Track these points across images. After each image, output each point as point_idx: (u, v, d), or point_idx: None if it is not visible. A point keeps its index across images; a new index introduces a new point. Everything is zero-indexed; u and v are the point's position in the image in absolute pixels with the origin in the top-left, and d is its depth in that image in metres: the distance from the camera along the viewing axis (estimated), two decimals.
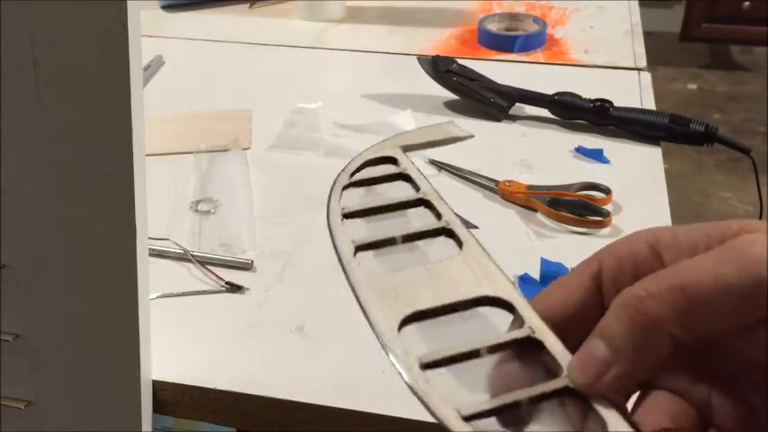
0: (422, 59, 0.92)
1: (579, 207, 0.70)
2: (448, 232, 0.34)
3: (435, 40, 1.07)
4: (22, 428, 0.55)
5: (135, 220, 0.47)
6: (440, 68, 0.90)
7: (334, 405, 0.54)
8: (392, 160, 0.38)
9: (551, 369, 0.29)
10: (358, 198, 0.36)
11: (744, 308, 0.27)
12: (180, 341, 0.59)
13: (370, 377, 0.55)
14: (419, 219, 0.35)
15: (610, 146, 0.82)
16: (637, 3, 1.18)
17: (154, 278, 0.53)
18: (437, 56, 0.92)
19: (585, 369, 0.28)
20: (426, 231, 0.34)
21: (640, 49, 1.03)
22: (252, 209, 0.73)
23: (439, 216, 0.35)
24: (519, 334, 0.30)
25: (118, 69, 0.44)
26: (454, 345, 0.29)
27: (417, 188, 0.36)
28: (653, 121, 0.82)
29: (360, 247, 0.33)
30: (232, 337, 0.60)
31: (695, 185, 2.24)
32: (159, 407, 0.55)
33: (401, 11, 1.18)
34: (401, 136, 0.39)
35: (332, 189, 0.36)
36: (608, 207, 0.71)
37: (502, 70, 0.95)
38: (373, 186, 0.37)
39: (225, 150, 0.82)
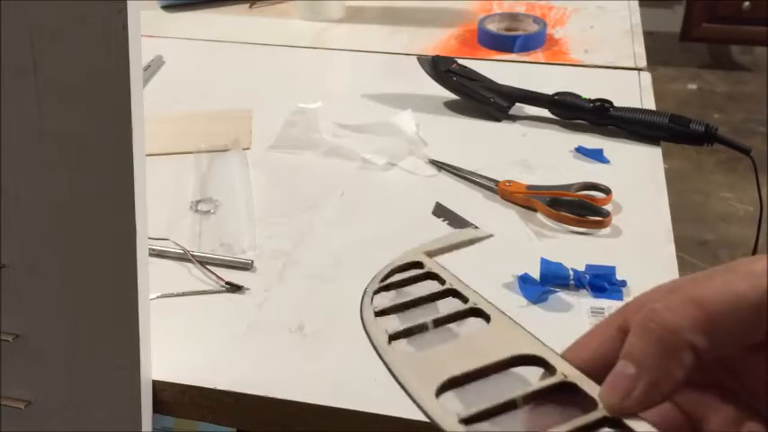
0: (422, 59, 0.92)
1: (579, 207, 0.70)
2: (476, 312, 0.36)
3: (435, 40, 1.07)
4: (22, 428, 0.55)
5: (135, 220, 0.47)
6: (440, 68, 0.90)
7: (334, 405, 0.54)
8: (418, 264, 0.40)
9: (587, 407, 0.30)
10: (389, 300, 0.38)
11: (757, 319, 0.28)
12: (180, 341, 0.59)
13: (370, 377, 0.55)
14: (448, 306, 0.37)
15: (610, 146, 0.82)
16: (637, 3, 1.18)
17: (154, 278, 0.53)
18: (437, 56, 0.92)
19: (615, 389, 0.29)
20: (455, 314, 0.36)
21: (640, 49, 1.03)
22: (252, 209, 0.73)
23: (466, 300, 0.37)
24: (553, 380, 0.31)
25: (118, 69, 0.44)
26: (490, 399, 0.30)
27: (443, 282, 0.38)
28: (653, 121, 0.82)
29: (393, 336, 0.35)
30: (232, 336, 0.60)
31: (695, 185, 2.24)
32: (159, 407, 0.55)
33: (401, 11, 1.18)
34: (424, 245, 0.41)
35: (363, 294, 0.38)
36: (608, 207, 0.71)
37: (502, 70, 0.95)
38: (402, 288, 0.39)
39: (225, 150, 0.82)
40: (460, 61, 0.92)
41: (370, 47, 1.06)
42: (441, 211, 0.72)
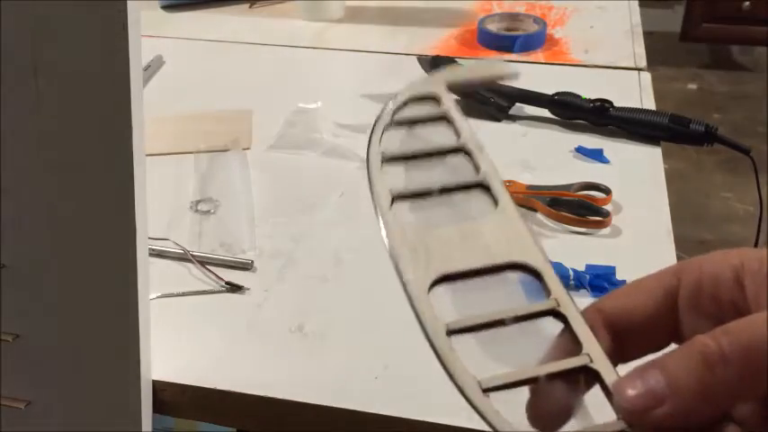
0: (422, 59, 0.92)
1: (579, 207, 0.70)
2: (484, 187, 0.34)
3: (435, 40, 1.07)
4: (22, 428, 0.55)
5: (135, 221, 0.47)
6: (440, 68, 0.90)
7: (334, 405, 0.54)
8: (436, 99, 0.37)
9: (571, 344, 0.29)
10: (398, 140, 0.36)
11: None
12: (180, 341, 0.59)
13: (370, 377, 0.55)
14: (457, 168, 0.35)
15: (610, 146, 0.82)
16: (637, 3, 1.18)
17: (154, 278, 0.53)
18: (437, 56, 0.92)
19: (636, 398, 0.26)
20: (463, 185, 0.34)
21: (640, 49, 1.03)
22: (252, 209, 0.73)
23: (477, 168, 0.35)
24: (543, 306, 0.30)
25: (118, 69, 0.44)
26: (481, 313, 0.29)
27: (458, 134, 0.36)
28: (653, 121, 0.82)
29: (397, 197, 0.33)
30: (232, 337, 0.60)
31: (695, 185, 2.24)
32: (159, 407, 0.55)
33: (401, 11, 1.18)
34: (448, 72, 0.38)
35: (373, 128, 0.36)
36: (608, 207, 0.71)
37: None
38: (414, 127, 0.36)
39: (225, 150, 0.82)
40: (460, 61, 0.92)
41: (370, 47, 1.06)
42: None
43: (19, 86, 0.45)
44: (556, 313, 0.30)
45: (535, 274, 0.31)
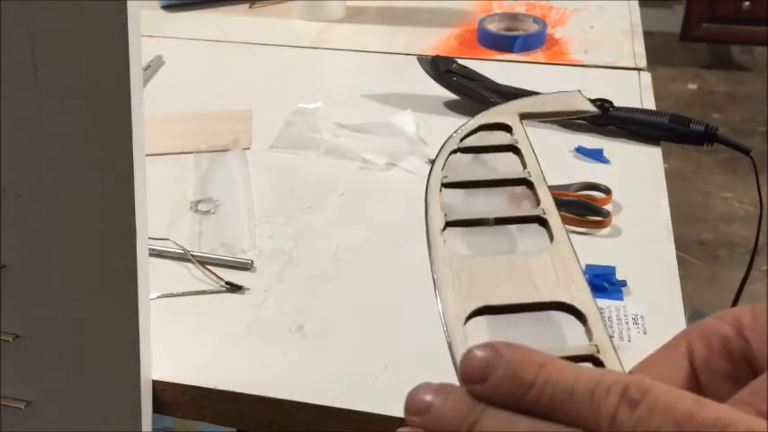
0: (422, 59, 0.92)
1: (579, 207, 0.70)
2: (542, 221, 0.33)
3: (435, 40, 1.07)
4: (22, 428, 0.55)
5: (135, 221, 0.47)
6: (440, 68, 0.90)
7: (334, 405, 0.54)
8: (507, 128, 0.36)
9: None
10: (464, 164, 0.35)
11: None
12: (180, 341, 0.59)
13: (370, 377, 0.55)
14: (518, 199, 0.35)
15: (610, 146, 0.82)
16: (637, 3, 1.18)
17: (154, 278, 0.53)
18: (437, 56, 0.92)
19: None
20: (520, 217, 0.34)
21: (640, 49, 1.03)
22: (252, 209, 0.73)
23: (538, 202, 0.34)
24: (583, 350, 0.30)
25: (118, 69, 0.44)
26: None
27: (524, 165, 0.35)
28: (653, 121, 0.82)
29: (450, 223, 0.33)
30: (232, 336, 0.60)
31: (695, 185, 2.24)
32: (159, 407, 0.55)
33: (401, 11, 1.17)
34: (524, 102, 0.38)
35: (439, 152, 0.35)
36: (608, 207, 0.71)
37: (502, 70, 0.95)
38: (481, 155, 0.36)
39: (225, 150, 0.82)
40: (460, 61, 0.92)
41: (370, 47, 1.06)
42: None
43: (19, 87, 0.45)
44: (595, 360, 0.29)
45: (580, 316, 0.31)
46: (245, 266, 0.66)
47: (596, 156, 0.80)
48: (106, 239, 0.49)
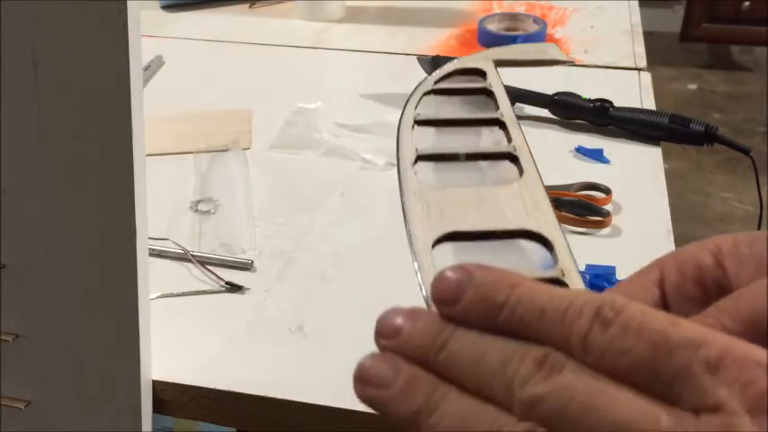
0: (422, 59, 0.92)
1: (579, 207, 0.70)
2: (513, 158, 0.34)
3: (435, 40, 1.07)
4: (22, 428, 0.55)
5: (135, 220, 0.47)
6: (440, 68, 0.90)
7: (334, 405, 0.54)
8: (481, 73, 0.37)
9: None
10: (436, 106, 0.36)
11: None
12: (180, 341, 0.59)
13: None
14: (490, 137, 0.35)
15: (610, 146, 0.82)
16: (637, 3, 1.18)
17: (154, 278, 0.53)
18: (437, 56, 0.92)
19: None
20: (491, 153, 0.34)
21: (640, 49, 1.03)
22: (252, 209, 0.73)
23: (509, 140, 0.34)
24: (548, 274, 0.30)
25: (118, 69, 0.44)
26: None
27: (497, 107, 0.36)
28: (653, 121, 0.82)
29: (421, 157, 0.33)
30: (232, 337, 0.60)
31: (695, 185, 2.24)
32: (159, 407, 0.55)
33: (401, 11, 1.18)
34: (498, 50, 0.38)
35: (413, 92, 0.35)
36: (608, 207, 0.71)
37: (502, 70, 0.95)
38: (454, 97, 0.36)
39: (225, 150, 0.82)
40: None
41: (370, 47, 1.06)
42: None
43: (19, 87, 0.45)
44: (560, 283, 0.29)
45: (547, 243, 0.31)
46: (245, 266, 0.66)
47: (596, 156, 0.80)
48: (106, 239, 0.49)
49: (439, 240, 0.30)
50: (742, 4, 2.57)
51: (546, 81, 0.89)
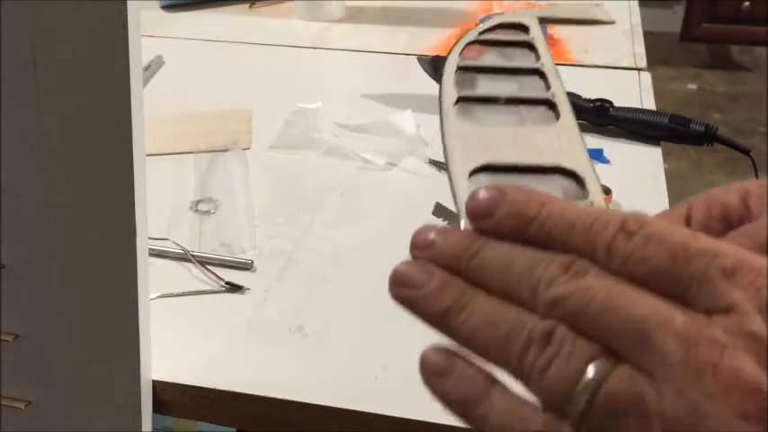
0: (422, 59, 0.92)
1: None
2: (550, 104, 0.35)
3: (435, 40, 1.07)
4: (22, 428, 0.55)
5: (135, 220, 0.47)
6: (440, 68, 0.89)
7: (334, 405, 0.54)
8: (524, 28, 0.38)
9: None
10: (479, 54, 0.37)
11: None
12: (180, 341, 0.59)
13: (370, 377, 0.55)
14: (530, 86, 0.36)
15: (610, 146, 0.82)
16: (637, 3, 1.18)
17: (154, 278, 0.53)
18: (437, 56, 0.92)
19: None
20: (530, 99, 0.35)
21: (640, 49, 1.03)
22: (252, 209, 0.73)
23: (548, 88, 0.36)
24: (581, 203, 0.31)
25: (118, 69, 0.44)
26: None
27: (538, 58, 0.37)
28: (653, 121, 0.82)
29: (462, 99, 0.35)
30: (232, 337, 0.59)
31: (695, 185, 2.24)
32: (159, 407, 0.55)
33: (401, 11, 1.18)
34: (541, 9, 0.40)
35: (457, 42, 0.37)
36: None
37: None
38: (497, 48, 0.38)
39: (225, 150, 0.82)
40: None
41: (370, 47, 1.06)
42: (441, 212, 0.72)
43: (19, 87, 0.45)
44: None
45: (579, 180, 0.32)
46: (245, 266, 0.66)
47: (596, 156, 0.80)
48: (106, 239, 0.49)
49: (475, 171, 0.32)
50: (742, 4, 2.57)
51: None
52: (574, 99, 0.84)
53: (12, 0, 0.44)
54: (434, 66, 0.90)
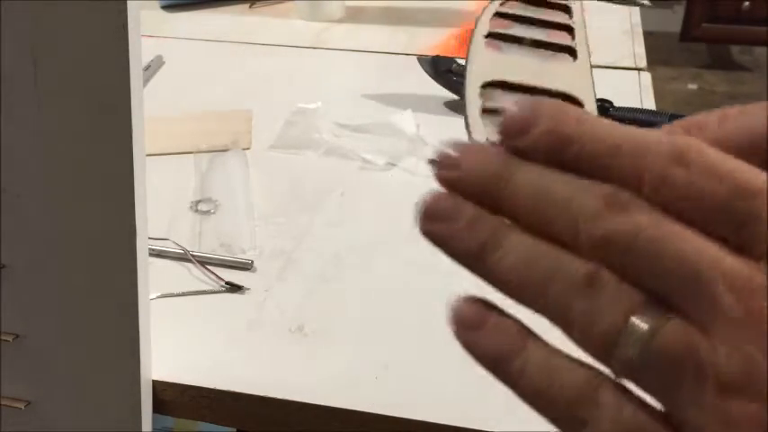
0: (422, 59, 0.92)
1: None
2: (572, 51, 0.38)
3: (435, 40, 1.07)
4: (22, 428, 0.55)
5: (135, 221, 0.47)
6: (440, 68, 0.90)
7: (334, 405, 0.54)
8: None
9: None
10: (512, 7, 0.40)
11: None
12: (180, 341, 0.59)
13: (370, 377, 0.55)
14: (557, 38, 0.39)
15: None
16: None
17: (154, 278, 0.53)
18: (437, 56, 0.92)
19: None
20: (553, 44, 0.38)
21: (640, 49, 1.03)
22: (252, 209, 0.73)
23: (573, 38, 0.39)
24: None
25: (118, 69, 0.44)
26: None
27: (570, 15, 0.40)
28: (653, 121, 0.82)
29: (490, 35, 0.38)
30: (232, 337, 0.60)
31: None
32: (159, 407, 0.55)
33: (401, 11, 1.18)
34: None
35: None
36: None
37: None
38: (532, 4, 0.41)
39: (225, 150, 0.82)
40: (460, 61, 0.92)
41: (370, 47, 1.06)
42: None
43: (19, 87, 0.45)
44: None
45: (580, 105, 0.34)
46: (245, 266, 0.66)
47: None
48: (106, 239, 0.49)
49: (488, 85, 0.34)
50: (742, 4, 2.57)
51: None
52: None
53: (12, 0, 0.44)
54: (434, 66, 0.90)
